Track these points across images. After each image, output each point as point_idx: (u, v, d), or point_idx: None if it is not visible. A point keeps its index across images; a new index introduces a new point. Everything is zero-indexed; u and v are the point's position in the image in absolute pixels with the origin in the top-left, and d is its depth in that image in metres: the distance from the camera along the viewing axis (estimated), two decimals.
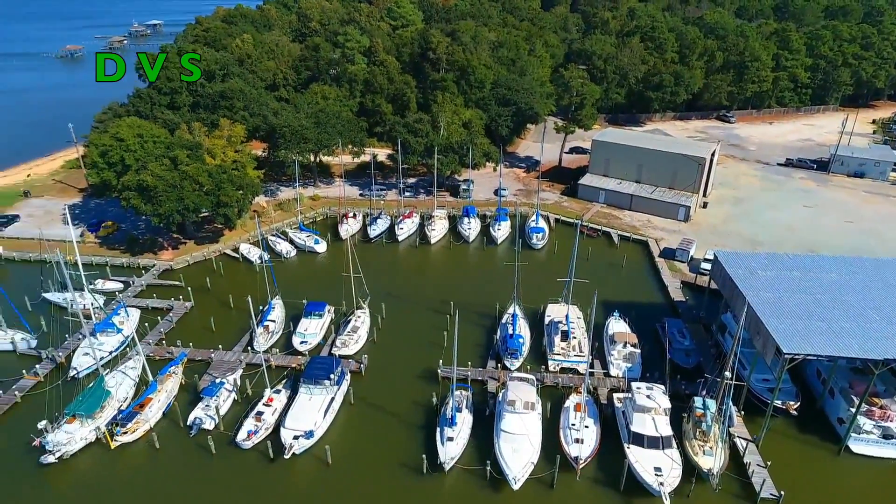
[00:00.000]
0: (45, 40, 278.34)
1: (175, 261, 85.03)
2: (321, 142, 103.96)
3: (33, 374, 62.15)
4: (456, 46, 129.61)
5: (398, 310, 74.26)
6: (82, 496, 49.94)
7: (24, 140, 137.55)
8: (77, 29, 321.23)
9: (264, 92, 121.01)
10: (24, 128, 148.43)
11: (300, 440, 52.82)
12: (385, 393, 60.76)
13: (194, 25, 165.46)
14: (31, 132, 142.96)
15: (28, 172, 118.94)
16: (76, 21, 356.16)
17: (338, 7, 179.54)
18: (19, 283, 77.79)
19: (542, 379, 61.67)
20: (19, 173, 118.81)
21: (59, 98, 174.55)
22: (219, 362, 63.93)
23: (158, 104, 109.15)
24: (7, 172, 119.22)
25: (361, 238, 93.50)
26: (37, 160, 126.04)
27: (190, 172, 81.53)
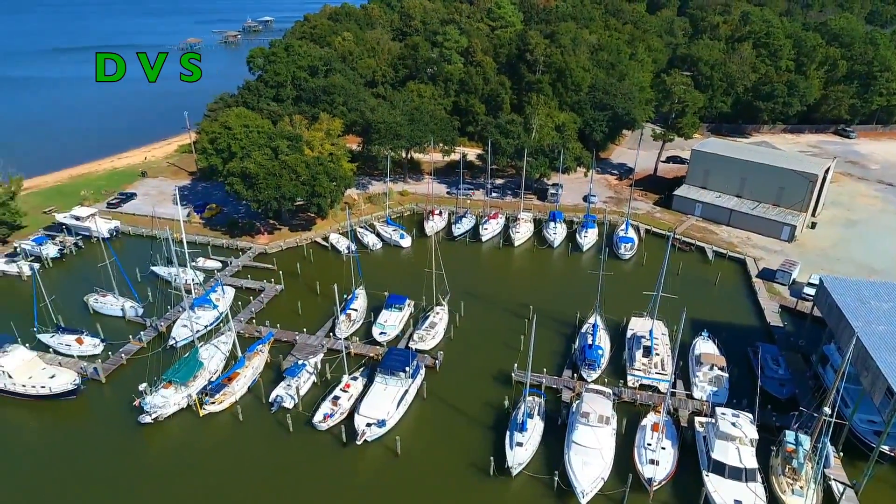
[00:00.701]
0: (168, 34, 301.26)
1: (270, 245, 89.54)
2: (413, 139, 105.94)
3: (138, 340, 67.60)
4: (554, 48, 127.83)
5: (477, 309, 74.33)
6: (172, 457, 53.72)
7: (145, 125, 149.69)
8: (197, 23, 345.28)
9: (363, 88, 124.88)
10: (146, 114, 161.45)
11: (372, 428, 54.12)
12: (458, 391, 61.02)
13: (302, 22, 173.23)
14: (152, 118, 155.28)
15: (146, 155, 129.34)
16: (196, 16, 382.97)
17: (439, 7, 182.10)
18: (132, 256, 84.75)
19: (619, 394, 59.69)
20: (139, 155, 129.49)
21: (178, 87, 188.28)
22: (302, 345, 66.70)
23: (265, 96, 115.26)
24: (129, 154, 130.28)
25: (445, 236, 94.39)
26: (155, 144, 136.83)
27: (289, 162, 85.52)
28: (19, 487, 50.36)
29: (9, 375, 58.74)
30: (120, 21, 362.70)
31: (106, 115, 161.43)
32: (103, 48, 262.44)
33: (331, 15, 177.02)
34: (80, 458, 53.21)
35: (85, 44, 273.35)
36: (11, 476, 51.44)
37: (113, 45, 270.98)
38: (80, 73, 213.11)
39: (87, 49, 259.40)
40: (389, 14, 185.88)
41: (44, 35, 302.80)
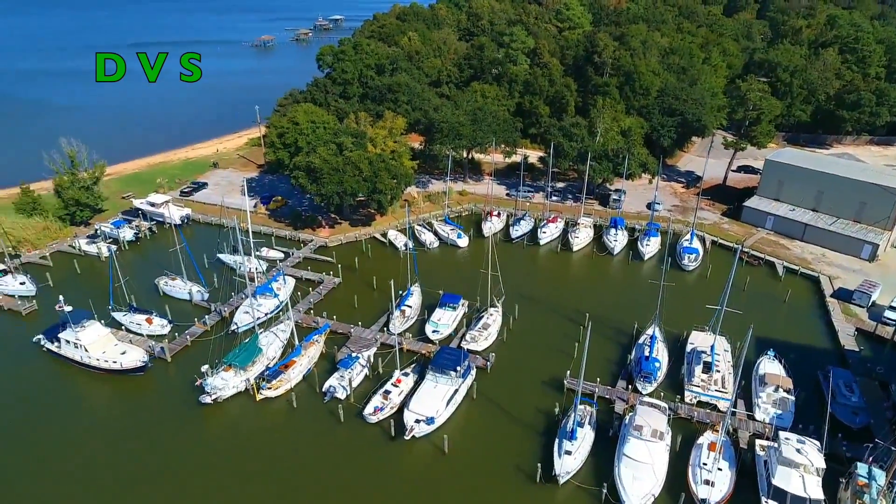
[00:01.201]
0: (243, 30, 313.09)
1: (330, 239, 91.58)
2: (475, 139, 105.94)
3: (202, 323, 70.57)
4: (623, 51, 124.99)
5: (531, 313, 73.58)
6: (228, 437, 55.76)
7: (219, 118, 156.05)
8: (270, 21, 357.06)
9: (427, 87, 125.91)
10: (220, 107, 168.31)
11: (421, 424, 54.46)
12: (508, 393, 60.59)
13: (371, 21, 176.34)
14: (225, 111, 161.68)
15: (217, 147, 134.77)
16: (270, 14, 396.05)
17: (507, 7, 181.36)
18: (201, 243, 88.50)
19: (675, 409, 57.73)
20: (211, 147, 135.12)
21: (250, 82, 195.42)
22: (357, 338, 67.88)
23: (332, 93, 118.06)
24: (202, 145, 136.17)
25: (503, 237, 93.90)
26: (227, 136, 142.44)
27: (352, 159, 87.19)
28: (87, 454, 53.49)
29: (85, 349, 62.49)
30: (197, 18, 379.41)
31: (183, 108, 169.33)
32: (180, 44, 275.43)
33: (399, 14, 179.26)
34: (143, 431, 56.00)
35: (163, 39, 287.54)
36: (80, 443, 54.70)
37: (189, 41, 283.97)
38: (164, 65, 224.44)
39: (166, 44, 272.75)
40: (457, 14, 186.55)
41: (125, 30, 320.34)
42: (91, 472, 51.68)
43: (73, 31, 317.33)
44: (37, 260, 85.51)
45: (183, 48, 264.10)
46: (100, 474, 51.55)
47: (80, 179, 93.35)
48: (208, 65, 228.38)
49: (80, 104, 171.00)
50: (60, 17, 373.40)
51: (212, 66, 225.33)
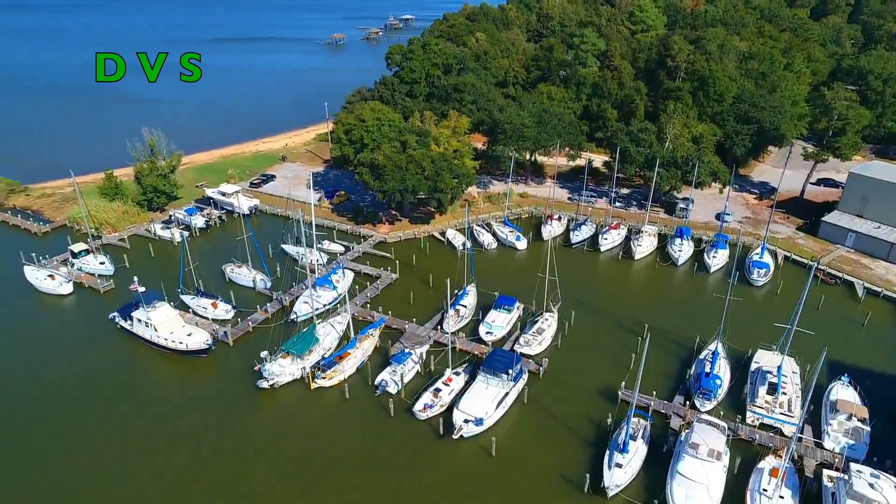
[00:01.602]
0: (317, 28, 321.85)
1: (389, 235, 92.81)
2: (539, 141, 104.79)
3: (264, 311, 72.96)
4: (698, 55, 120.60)
5: (588, 320, 72.11)
6: (282, 422, 57.40)
7: (289, 113, 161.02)
8: (343, 19, 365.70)
9: (493, 88, 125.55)
10: (291, 102, 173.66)
11: (470, 425, 54.33)
12: (559, 400, 59.59)
13: (441, 21, 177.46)
14: (295, 107, 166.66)
15: (286, 141, 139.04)
16: (344, 12, 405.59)
17: (579, 9, 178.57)
18: (266, 233, 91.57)
19: (735, 429, 55.15)
20: (281, 141, 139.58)
21: (321, 79, 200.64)
22: (410, 334, 68.44)
23: (399, 91, 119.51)
24: (272, 139, 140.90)
25: (563, 242, 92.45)
26: (296, 131, 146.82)
27: (415, 157, 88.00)
28: (148, 427, 56.29)
29: (155, 328, 65.81)
30: (274, 16, 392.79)
31: (256, 102, 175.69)
32: (253, 41, 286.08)
33: (469, 14, 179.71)
34: (202, 410, 58.44)
35: (238, 36, 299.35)
36: (143, 416, 57.62)
37: (263, 38, 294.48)
38: (235, 62, 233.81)
39: (242, 41, 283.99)
40: (527, 15, 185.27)
41: (206, 27, 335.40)
42: (149, 445, 54.34)
43: (159, 27, 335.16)
44: (116, 242, 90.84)
45: (256, 45, 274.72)
46: (158, 447, 54.14)
47: (158, 168, 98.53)
48: (282, 61, 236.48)
49: (164, 96, 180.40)
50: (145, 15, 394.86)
51: (285, 63, 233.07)
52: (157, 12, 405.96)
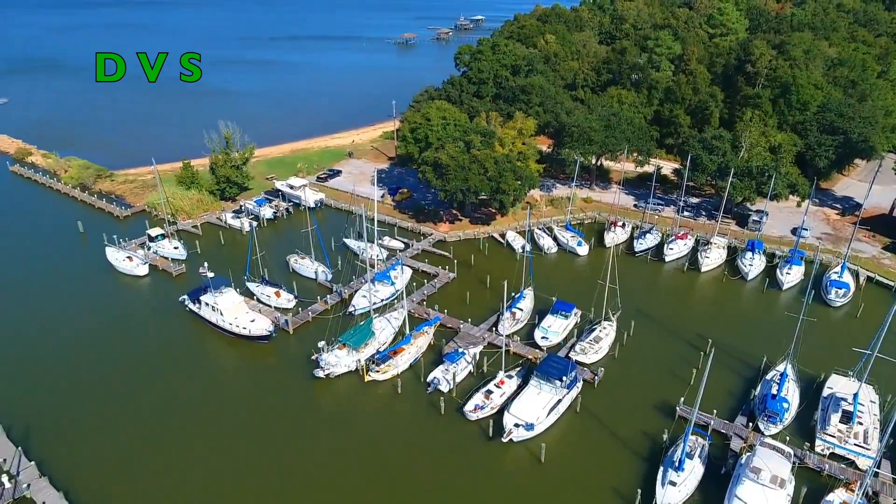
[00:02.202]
0: (388, 27, 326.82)
1: (449, 234, 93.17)
2: (606, 145, 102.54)
3: (324, 302, 74.81)
4: (781, 60, 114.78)
5: (648, 331, 69.99)
6: (335, 412, 58.69)
7: (358, 110, 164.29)
8: (414, 19, 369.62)
9: (562, 90, 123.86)
10: (360, 100, 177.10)
11: (520, 429, 53.81)
12: (614, 411, 58.13)
13: (512, 22, 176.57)
14: (364, 104, 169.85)
15: (353, 138, 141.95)
16: (414, 12, 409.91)
17: (655, 11, 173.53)
18: (330, 226, 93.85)
19: (801, 457, 52.14)
20: (348, 137, 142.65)
21: (390, 77, 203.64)
22: (465, 334, 68.47)
23: (466, 91, 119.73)
24: (340, 135, 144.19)
25: (626, 249, 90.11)
26: (363, 128, 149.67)
27: (479, 157, 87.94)
28: (207, 407, 58.76)
29: (221, 313, 68.66)
30: (348, 15, 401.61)
31: (327, 99, 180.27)
32: (331, 38, 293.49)
33: (540, 16, 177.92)
34: (259, 394, 60.54)
35: (316, 34, 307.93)
36: (204, 396, 60.21)
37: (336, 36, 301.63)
38: (309, 59, 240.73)
39: (319, 38, 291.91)
40: (600, 16, 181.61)
41: (282, 25, 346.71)
42: (207, 421, 56.71)
43: (241, 24, 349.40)
44: (189, 228, 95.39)
45: (329, 43, 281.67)
46: (215, 424, 56.43)
47: (232, 159, 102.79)
48: (354, 59, 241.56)
49: (242, 90, 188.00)
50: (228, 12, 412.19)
51: (356, 61, 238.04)
52: (238, 9, 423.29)
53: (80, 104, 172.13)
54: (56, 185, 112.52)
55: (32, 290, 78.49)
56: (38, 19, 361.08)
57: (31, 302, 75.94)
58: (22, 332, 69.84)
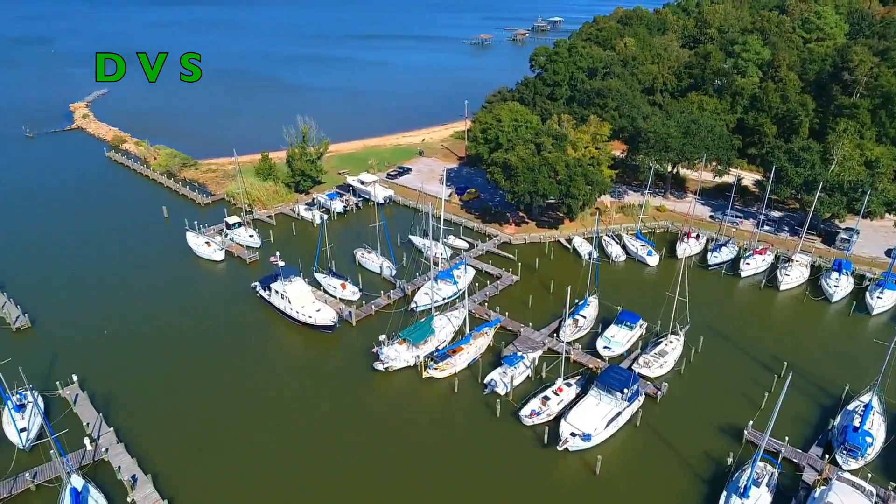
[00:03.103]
0: (464, 28, 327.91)
1: (515, 237, 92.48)
2: (684, 153, 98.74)
3: (387, 297, 75.97)
4: (884, 68, 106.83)
5: (717, 348, 66.92)
6: (391, 405, 59.44)
7: (430, 109, 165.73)
8: (490, 19, 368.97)
9: (639, 95, 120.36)
10: (432, 99, 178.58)
11: (576, 439, 52.71)
12: (676, 429, 55.94)
13: (590, 24, 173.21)
14: (436, 103, 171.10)
15: (424, 136, 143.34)
16: (490, 13, 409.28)
17: (743, 15, 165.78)
18: (397, 223, 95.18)
19: (885, 498, 48.33)
20: (419, 135, 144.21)
21: (464, 77, 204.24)
22: (525, 338, 67.75)
23: (540, 93, 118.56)
24: (412, 133, 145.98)
25: (699, 262, 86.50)
26: (434, 127, 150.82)
27: (549, 160, 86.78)
28: (269, 390, 60.88)
29: (289, 301, 71.02)
30: (423, 15, 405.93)
31: (401, 97, 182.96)
32: (408, 37, 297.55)
33: (621, 18, 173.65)
34: (319, 382, 62.20)
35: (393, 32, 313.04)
36: (267, 378, 62.43)
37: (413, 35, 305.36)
38: (384, 57, 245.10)
39: (396, 37, 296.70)
40: (684, 19, 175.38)
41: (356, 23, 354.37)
42: (268, 406, 58.74)
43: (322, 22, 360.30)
44: (264, 218, 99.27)
45: (404, 42, 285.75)
46: (275, 409, 58.37)
47: (307, 153, 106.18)
48: (428, 59, 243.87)
49: (322, 86, 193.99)
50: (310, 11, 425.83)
51: (430, 60, 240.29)
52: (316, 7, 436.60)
53: (170, 95, 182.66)
54: (145, 172, 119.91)
55: (119, 268, 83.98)
56: (133, 15, 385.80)
57: (118, 279, 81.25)
58: (107, 307, 74.83)
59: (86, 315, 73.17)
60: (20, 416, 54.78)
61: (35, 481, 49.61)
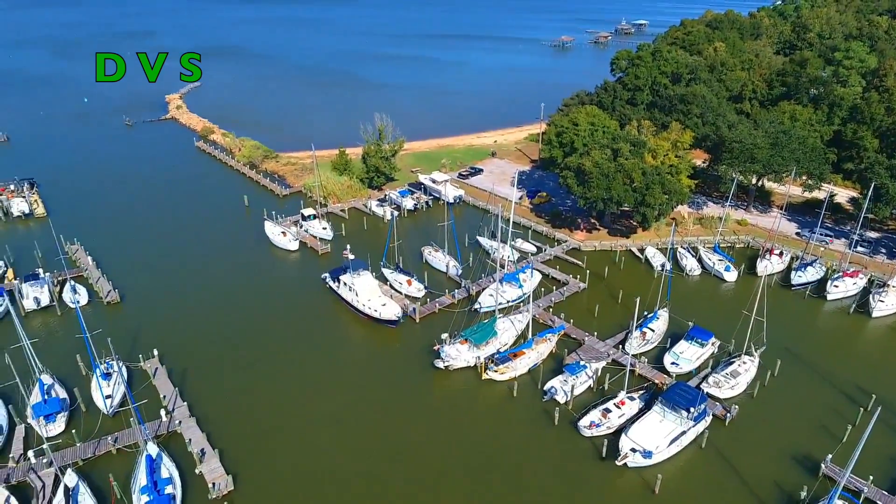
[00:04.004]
0: (545, 30, 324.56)
1: (584, 243, 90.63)
2: (771, 165, 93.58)
3: (451, 295, 76.34)
4: None
5: (796, 373, 63.02)
6: (449, 404, 59.65)
7: (505, 110, 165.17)
8: (572, 22, 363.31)
9: (726, 102, 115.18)
10: (508, 100, 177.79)
11: (637, 455, 51.08)
12: (744, 454, 53.12)
13: (677, 28, 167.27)
14: (512, 105, 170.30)
15: (496, 138, 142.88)
16: (573, 14, 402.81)
17: (848, 19, 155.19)
18: (465, 223, 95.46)
19: None
20: (493, 136, 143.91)
21: (542, 79, 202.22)
22: (589, 347, 66.29)
23: (620, 98, 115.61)
24: (485, 134, 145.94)
25: (781, 281, 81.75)
26: (509, 128, 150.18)
27: (626, 167, 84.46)
28: (331, 378, 62.49)
29: (356, 293, 72.70)
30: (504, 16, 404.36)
31: (477, 97, 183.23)
32: (484, 38, 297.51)
33: (710, 21, 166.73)
34: (380, 374, 63.26)
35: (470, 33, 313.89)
36: (330, 367, 64.13)
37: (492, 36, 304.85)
38: (463, 58, 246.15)
39: (475, 38, 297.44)
40: (780, 24, 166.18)
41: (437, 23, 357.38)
42: (330, 394, 60.29)
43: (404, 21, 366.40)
44: (337, 211, 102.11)
45: (484, 43, 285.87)
46: (336, 397, 59.84)
47: (382, 150, 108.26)
48: (506, 60, 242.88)
49: (400, 84, 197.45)
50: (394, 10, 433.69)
51: (509, 61, 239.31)
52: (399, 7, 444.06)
53: (258, 89, 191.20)
54: (230, 162, 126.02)
55: (201, 251, 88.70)
56: (226, 12, 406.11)
57: (199, 261, 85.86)
58: (185, 287, 79.22)
59: (169, 293, 77.79)
60: (106, 383, 58.90)
61: (116, 445, 53.23)
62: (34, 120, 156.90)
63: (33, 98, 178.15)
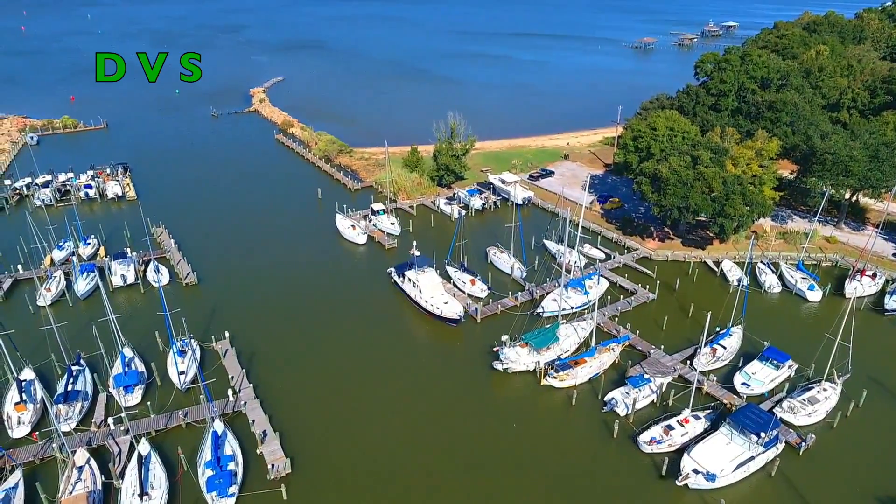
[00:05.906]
0: (627, 30, 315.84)
1: (656, 252, 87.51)
2: (868, 180, 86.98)
3: (514, 298, 75.63)
4: None
5: (884, 406, 58.31)
6: (506, 407, 59.03)
7: (580, 112, 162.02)
8: (656, 23, 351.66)
9: (819, 110, 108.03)
10: (584, 102, 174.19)
11: (699, 477, 48.81)
12: (819, 488, 49.67)
13: (769, 30, 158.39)
14: (588, 106, 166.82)
15: (569, 140, 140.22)
16: (658, 15, 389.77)
17: None
18: (533, 225, 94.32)
19: None
20: (565, 139, 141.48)
21: (621, 81, 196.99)
22: (654, 360, 63.93)
23: (702, 103, 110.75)
24: (558, 136, 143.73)
25: (872, 305, 75.91)
26: (583, 131, 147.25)
27: (705, 175, 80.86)
28: (392, 370, 63.21)
29: (420, 290, 73.31)
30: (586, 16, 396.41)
31: (553, 98, 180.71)
32: (564, 38, 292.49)
33: (808, 24, 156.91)
34: (438, 372, 63.44)
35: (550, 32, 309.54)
36: (391, 359, 64.89)
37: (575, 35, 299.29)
38: (540, 57, 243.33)
39: (552, 37, 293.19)
40: (889, 27, 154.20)
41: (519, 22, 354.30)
42: (389, 387, 60.96)
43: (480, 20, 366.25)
44: (406, 207, 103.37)
45: (564, 42, 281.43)
46: (395, 391, 60.43)
47: (454, 149, 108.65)
48: (585, 61, 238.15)
49: (477, 82, 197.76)
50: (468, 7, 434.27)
51: (587, 62, 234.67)
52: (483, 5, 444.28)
53: (336, 85, 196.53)
54: (307, 155, 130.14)
55: (275, 240, 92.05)
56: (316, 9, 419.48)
57: (273, 250, 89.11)
58: (258, 274, 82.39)
59: (243, 278, 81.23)
60: (181, 360, 62.20)
61: (186, 419, 56.11)
62: (131, 107, 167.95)
63: (132, 86, 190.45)
